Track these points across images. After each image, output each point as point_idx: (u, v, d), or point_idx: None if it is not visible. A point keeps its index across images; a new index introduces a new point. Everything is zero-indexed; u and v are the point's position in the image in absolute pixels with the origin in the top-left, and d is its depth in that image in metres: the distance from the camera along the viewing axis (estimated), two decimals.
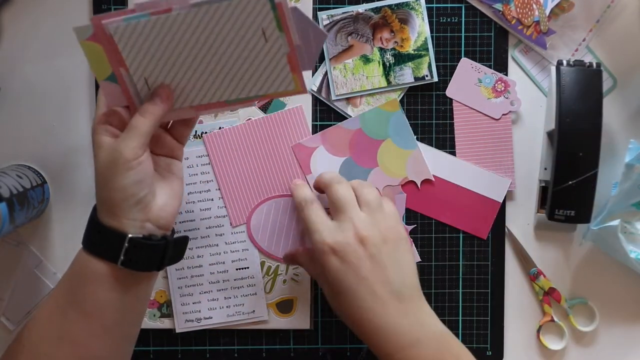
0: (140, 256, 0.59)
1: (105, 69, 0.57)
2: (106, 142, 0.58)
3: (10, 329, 0.78)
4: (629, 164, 0.71)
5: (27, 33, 0.77)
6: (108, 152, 0.57)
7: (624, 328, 0.78)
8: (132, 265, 0.59)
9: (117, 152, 0.57)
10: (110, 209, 0.58)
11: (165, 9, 0.54)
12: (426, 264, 0.78)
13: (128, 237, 0.58)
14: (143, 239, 0.59)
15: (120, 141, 0.58)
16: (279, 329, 0.78)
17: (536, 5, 0.75)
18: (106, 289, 0.59)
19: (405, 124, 0.77)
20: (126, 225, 0.58)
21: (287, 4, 0.55)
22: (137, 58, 0.57)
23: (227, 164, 0.77)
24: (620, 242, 0.71)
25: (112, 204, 0.58)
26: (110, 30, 0.55)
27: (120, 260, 0.58)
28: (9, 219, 0.68)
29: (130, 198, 0.58)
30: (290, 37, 0.56)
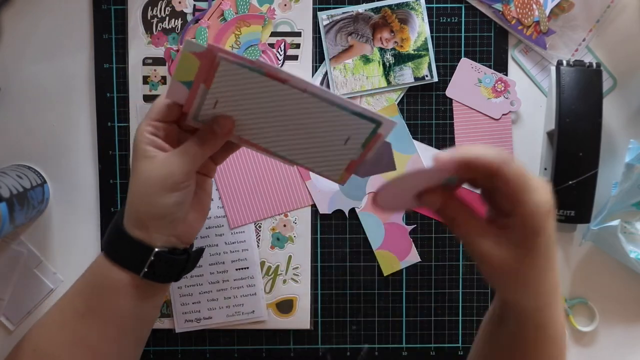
0: (162, 269, 0.59)
1: (188, 76, 0.57)
2: (158, 156, 0.57)
3: (10, 329, 0.78)
4: (629, 164, 0.71)
5: (27, 33, 0.77)
6: (159, 168, 0.57)
7: (624, 328, 0.78)
8: (153, 277, 0.59)
9: (169, 172, 0.56)
10: (142, 222, 0.58)
11: (283, 78, 0.55)
12: (426, 264, 0.78)
13: (155, 251, 0.58)
14: (168, 253, 0.59)
15: (174, 161, 0.57)
16: (279, 329, 0.78)
17: (536, 5, 0.75)
18: (125, 297, 0.59)
19: (404, 128, 0.77)
20: (154, 239, 0.58)
21: (383, 138, 0.57)
22: (224, 89, 0.57)
23: (226, 166, 0.76)
24: (620, 242, 0.71)
25: (147, 218, 0.57)
26: (220, 61, 0.55)
27: (143, 272, 0.58)
28: (9, 219, 0.68)
29: (168, 216, 0.58)
30: (365, 155, 0.59)
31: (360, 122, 0.57)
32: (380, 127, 0.56)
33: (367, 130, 0.57)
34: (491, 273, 0.53)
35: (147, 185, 0.57)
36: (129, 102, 0.76)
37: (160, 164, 0.57)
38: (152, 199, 0.57)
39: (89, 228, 0.78)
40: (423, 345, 0.78)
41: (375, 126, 0.56)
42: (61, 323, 0.60)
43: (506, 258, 0.51)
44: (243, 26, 0.75)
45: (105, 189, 0.77)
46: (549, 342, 0.56)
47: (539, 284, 0.53)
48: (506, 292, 0.55)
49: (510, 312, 0.56)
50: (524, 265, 0.51)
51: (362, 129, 0.57)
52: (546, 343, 0.56)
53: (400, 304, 0.78)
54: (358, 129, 0.57)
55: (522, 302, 0.54)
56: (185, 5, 0.76)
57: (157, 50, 0.76)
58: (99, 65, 0.76)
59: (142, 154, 0.57)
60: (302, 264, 0.77)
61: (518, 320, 0.55)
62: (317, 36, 0.76)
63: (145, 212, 0.57)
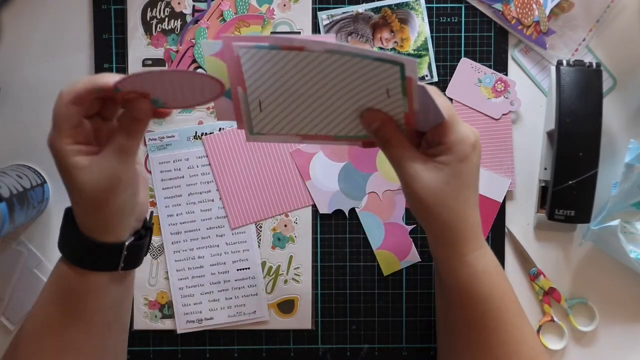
0: (136, 255, 0.59)
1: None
2: (92, 163, 0.54)
3: (10, 329, 0.78)
4: (629, 164, 0.71)
5: (27, 33, 0.77)
6: (99, 175, 0.54)
7: (624, 328, 0.78)
8: (131, 265, 0.59)
9: (111, 175, 0.54)
10: (106, 227, 0.56)
11: (298, 47, 0.54)
12: (426, 264, 0.78)
13: (126, 245, 0.57)
14: (136, 240, 0.59)
15: (111, 162, 0.54)
16: (280, 329, 0.78)
17: (536, 5, 0.75)
18: (106, 294, 0.58)
19: None
20: (121, 235, 0.57)
21: (416, 80, 0.56)
22: (257, 82, 0.57)
23: (226, 166, 0.76)
24: (620, 242, 0.71)
25: (109, 222, 0.56)
26: (239, 52, 0.55)
27: (121, 267, 0.58)
28: (9, 219, 0.68)
29: (127, 212, 0.57)
30: (411, 102, 0.57)
31: (386, 68, 0.56)
32: (404, 69, 0.55)
33: (396, 75, 0.56)
34: (417, 197, 0.57)
35: (95, 197, 0.54)
36: None
37: (98, 170, 0.54)
38: (108, 206, 0.55)
39: None
40: (423, 345, 0.78)
41: (400, 68, 0.55)
42: (43, 333, 0.58)
43: (432, 181, 0.57)
44: (242, 26, 0.75)
45: None
46: (481, 277, 0.60)
47: (462, 215, 0.58)
48: (430, 223, 0.59)
49: (439, 263, 0.61)
50: (447, 188, 0.57)
51: (391, 75, 0.56)
52: (478, 280, 0.60)
53: (400, 304, 0.78)
54: (388, 76, 0.56)
55: (445, 235, 0.58)
56: (185, 6, 0.76)
57: (157, 51, 0.76)
58: (99, 65, 0.76)
59: (72, 167, 0.54)
60: (303, 264, 0.77)
61: (446, 266, 0.60)
62: None
63: (104, 219, 0.55)
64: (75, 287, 0.57)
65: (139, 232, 0.61)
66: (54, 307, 0.58)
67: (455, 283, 0.60)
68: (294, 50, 0.55)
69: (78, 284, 0.57)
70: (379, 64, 0.55)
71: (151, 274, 0.77)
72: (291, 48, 0.55)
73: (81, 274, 0.57)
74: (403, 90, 0.57)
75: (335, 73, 0.57)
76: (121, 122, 0.55)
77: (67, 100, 0.54)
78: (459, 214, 0.58)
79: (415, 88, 0.56)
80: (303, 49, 0.54)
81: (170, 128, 0.77)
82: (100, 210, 0.55)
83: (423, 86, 0.56)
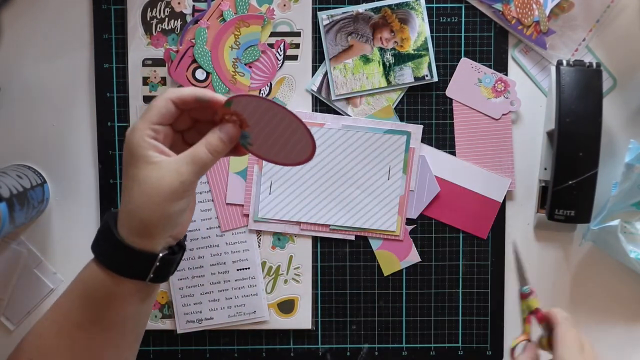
0: (166, 269, 0.59)
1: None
2: (163, 162, 0.55)
3: (10, 329, 0.78)
4: (629, 164, 0.71)
5: (27, 33, 0.77)
6: (167, 176, 0.54)
7: (624, 328, 0.78)
8: (158, 279, 0.59)
9: (180, 180, 0.55)
10: (148, 230, 0.56)
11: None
12: (426, 264, 0.78)
13: (159, 257, 0.57)
14: (169, 255, 0.59)
15: (184, 168, 0.55)
16: (280, 329, 0.78)
17: (536, 5, 0.75)
18: (130, 304, 0.58)
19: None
20: (157, 245, 0.57)
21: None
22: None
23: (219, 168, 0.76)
24: (620, 242, 0.71)
25: (154, 226, 0.56)
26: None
27: (150, 278, 0.58)
28: (9, 219, 0.68)
29: (174, 222, 0.57)
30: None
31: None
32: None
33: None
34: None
35: (155, 194, 0.54)
36: (129, 102, 0.76)
37: (168, 171, 0.55)
38: (162, 207, 0.55)
39: (89, 228, 0.78)
40: (423, 345, 0.78)
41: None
42: (57, 332, 0.58)
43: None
44: (242, 26, 0.75)
45: (105, 189, 0.77)
46: None
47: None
48: None
49: None
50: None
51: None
52: None
53: (400, 304, 0.78)
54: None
55: None
56: (185, 6, 0.75)
57: (157, 52, 0.76)
58: (99, 65, 0.76)
59: (144, 160, 0.55)
60: (303, 264, 0.77)
61: None
62: (316, 36, 0.76)
63: (152, 220, 0.55)
64: (101, 289, 0.57)
65: (173, 248, 0.60)
66: (76, 306, 0.58)
67: None
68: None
69: (105, 287, 0.57)
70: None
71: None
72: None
73: (110, 278, 0.57)
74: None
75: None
76: (208, 138, 0.57)
77: (170, 96, 0.56)
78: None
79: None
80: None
81: None
82: (150, 210, 0.55)
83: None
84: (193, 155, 0.56)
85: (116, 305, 0.58)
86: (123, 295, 0.57)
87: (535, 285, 0.78)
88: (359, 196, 0.75)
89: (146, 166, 0.55)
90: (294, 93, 0.76)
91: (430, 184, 0.75)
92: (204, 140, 0.57)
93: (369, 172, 0.75)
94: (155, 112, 0.56)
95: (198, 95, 0.56)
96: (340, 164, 0.75)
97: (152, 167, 0.54)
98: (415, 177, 0.76)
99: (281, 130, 0.57)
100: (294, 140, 0.57)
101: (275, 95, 0.76)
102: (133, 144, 0.55)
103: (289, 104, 0.76)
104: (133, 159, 0.55)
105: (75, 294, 0.59)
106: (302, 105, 0.77)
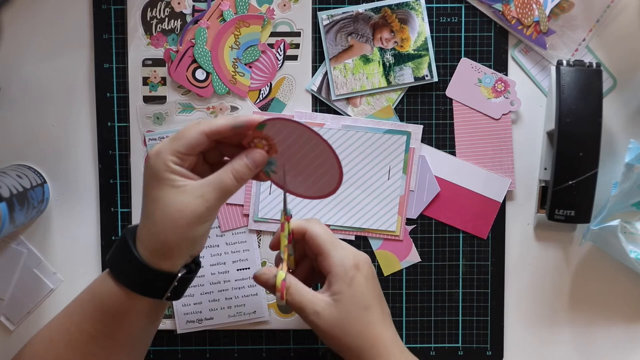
0: (182, 288, 0.60)
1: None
2: (187, 185, 0.55)
3: (10, 329, 0.78)
4: (629, 164, 0.71)
5: (27, 33, 0.77)
6: (192, 201, 0.55)
7: (624, 328, 0.78)
8: (174, 297, 0.59)
9: (204, 205, 0.55)
10: (169, 252, 0.56)
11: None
12: (426, 264, 0.78)
13: (178, 277, 0.58)
14: (187, 274, 0.59)
15: (209, 194, 0.55)
16: (280, 329, 0.78)
17: (536, 5, 0.75)
18: (142, 319, 0.59)
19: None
20: (177, 266, 0.57)
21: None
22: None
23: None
24: (620, 242, 0.71)
25: (176, 248, 0.56)
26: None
27: (166, 297, 0.58)
28: (9, 219, 0.68)
29: (197, 245, 0.58)
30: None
31: None
32: None
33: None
34: (325, 333, 0.60)
35: (179, 217, 0.55)
36: (129, 102, 0.76)
37: (193, 196, 0.55)
38: (185, 230, 0.55)
39: (89, 228, 0.78)
40: (423, 345, 0.78)
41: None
42: (69, 342, 0.58)
43: (332, 314, 0.60)
44: (242, 26, 0.75)
45: (105, 189, 0.77)
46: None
47: (367, 337, 0.60)
48: (344, 352, 0.61)
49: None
50: (347, 317, 0.60)
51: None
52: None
53: (400, 304, 0.78)
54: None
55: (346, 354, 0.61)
56: (185, 6, 0.75)
57: (157, 52, 0.76)
58: (99, 65, 0.76)
59: (169, 183, 0.55)
60: None
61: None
62: (316, 36, 0.76)
63: (175, 243, 0.56)
64: (116, 305, 0.57)
65: (189, 265, 0.60)
66: (89, 317, 0.58)
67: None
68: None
69: (120, 302, 0.57)
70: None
71: None
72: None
73: (126, 294, 0.57)
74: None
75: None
76: (234, 164, 0.57)
77: (203, 129, 0.56)
78: (363, 338, 0.60)
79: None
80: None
81: (171, 128, 0.76)
82: (174, 234, 0.55)
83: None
84: (219, 182, 0.56)
85: (130, 320, 0.58)
86: (137, 311, 0.58)
87: (535, 285, 0.79)
88: (359, 196, 0.75)
89: (170, 189, 0.55)
90: (294, 93, 0.76)
91: (430, 184, 0.75)
92: (230, 166, 0.57)
93: (369, 172, 0.75)
94: (184, 142, 0.56)
95: (234, 124, 0.56)
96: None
97: (177, 191, 0.55)
98: (415, 177, 0.76)
99: (310, 159, 0.58)
100: (320, 171, 0.58)
101: (275, 96, 0.76)
102: (157, 167, 0.55)
103: (289, 104, 0.76)
104: (156, 182, 0.55)
105: (89, 305, 0.59)
106: (302, 105, 0.77)
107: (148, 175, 0.56)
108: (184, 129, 0.56)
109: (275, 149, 0.58)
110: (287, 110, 0.76)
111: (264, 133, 0.57)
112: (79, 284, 0.77)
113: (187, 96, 0.76)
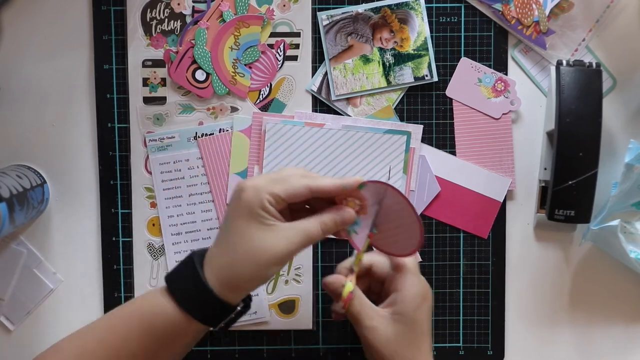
0: (235, 320, 0.60)
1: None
2: (276, 226, 0.56)
3: (10, 329, 0.78)
4: (629, 164, 0.71)
5: (27, 33, 0.77)
6: (278, 242, 0.56)
7: (623, 328, 0.79)
8: (227, 327, 0.60)
9: (289, 249, 0.56)
10: (241, 287, 0.57)
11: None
12: (427, 264, 0.78)
13: (237, 310, 0.59)
14: (243, 308, 0.60)
15: (295, 238, 0.57)
16: (280, 329, 0.78)
17: (536, 5, 0.75)
18: (191, 342, 0.59)
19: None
20: (239, 299, 0.58)
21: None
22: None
23: (219, 169, 0.76)
24: (620, 242, 0.71)
25: (248, 284, 0.57)
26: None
27: (220, 327, 0.59)
28: (9, 219, 0.68)
29: (264, 283, 0.59)
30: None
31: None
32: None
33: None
34: (375, 349, 0.62)
35: (262, 255, 0.56)
36: (129, 103, 0.76)
37: (281, 238, 0.56)
38: (263, 268, 0.56)
39: (89, 228, 0.78)
40: None
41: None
42: (109, 357, 0.58)
43: (389, 333, 0.62)
44: (242, 27, 0.75)
45: (105, 190, 0.77)
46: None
47: (409, 358, 0.62)
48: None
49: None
50: (402, 340, 0.62)
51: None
52: None
53: None
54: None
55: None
56: (184, 7, 0.75)
57: (157, 52, 0.76)
58: (99, 66, 0.76)
59: (260, 220, 0.56)
60: (304, 264, 0.77)
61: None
62: (316, 36, 0.76)
63: (251, 279, 0.57)
64: (170, 326, 0.57)
65: (245, 300, 0.61)
66: (135, 335, 0.58)
67: None
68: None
69: (174, 324, 0.57)
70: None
71: (152, 275, 0.77)
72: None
73: (184, 317, 0.57)
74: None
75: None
76: (324, 218, 0.59)
77: (311, 186, 0.58)
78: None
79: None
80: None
81: (171, 129, 0.77)
82: (252, 270, 0.56)
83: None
84: (306, 230, 0.57)
85: (179, 342, 0.58)
86: (187, 334, 0.58)
87: (535, 285, 0.79)
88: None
89: (259, 226, 0.56)
90: (294, 93, 0.76)
91: (431, 184, 0.75)
92: (319, 218, 0.59)
93: (369, 172, 0.75)
94: (287, 190, 0.57)
95: (344, 185, 0.58)
96: (341, 164, 0.75)
97: (266, 229, 0.56)
98: (416, 177, 0.76)
99: (394, 221, 0.60)
100: (401, 233, 0.61)
101: (275, 96, 0.76)
102: (252, 202, 0.56)
103: (289, 105, 0.76)
104: (247, 215, 0.56)
105: (136, 322, 0.58)
106: (302, 105, 0.77)
107: (238, 206, 0.57)
108: (288, 175, 0.58)
109: (365, 210, 0.60)
110: (287, 110, 0.76)
111: (361, 193, 0.59)
112: (79, 284, 0.78)
113: (187, 97, 0.76)
